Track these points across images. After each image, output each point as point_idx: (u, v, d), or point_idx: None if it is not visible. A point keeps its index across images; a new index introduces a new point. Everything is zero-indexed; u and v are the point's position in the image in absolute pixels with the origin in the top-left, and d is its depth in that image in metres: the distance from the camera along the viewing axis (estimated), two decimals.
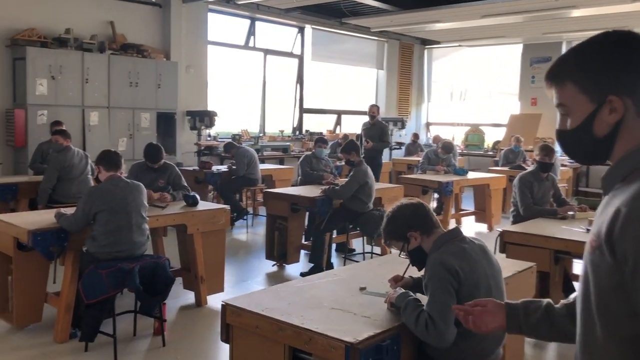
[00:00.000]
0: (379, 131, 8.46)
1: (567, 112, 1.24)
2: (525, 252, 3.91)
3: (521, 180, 4.99)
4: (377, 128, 8.50)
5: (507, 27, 10.63)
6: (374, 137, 8.35)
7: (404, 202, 2.37)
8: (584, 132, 1.20)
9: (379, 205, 6.20)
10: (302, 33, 12.12)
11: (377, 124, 8.54)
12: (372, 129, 8.53)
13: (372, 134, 8.44)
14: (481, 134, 13.79)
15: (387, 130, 8.68)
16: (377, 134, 8.42)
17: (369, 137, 8.43)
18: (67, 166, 5.61)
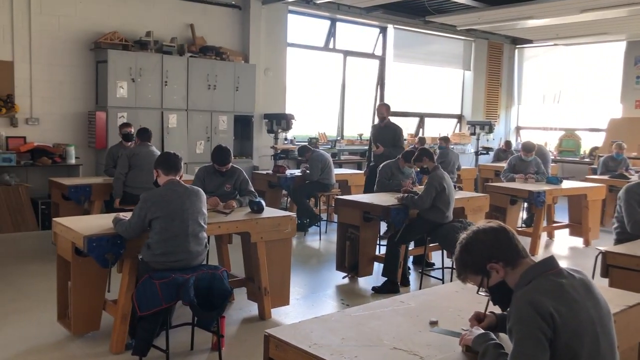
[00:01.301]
0: (391, 134, 7.38)
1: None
2: (634, 278, 3.33)
3: (629, 192, 4.32)
4: (388, 130, 7.43)
5: (608, 22, 9.69)
6: (385, 141, 7.32)
7: (481, 226, 1.94)
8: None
9: (462, 216, 5.71)
10: (384, 33, 11.72)
11: (389, 125, 7.48)
12: (382, 132, 7.49)
13: (383, 137, 7.40)
14: (577, 140, 12.76)
15: (400, 133, 7.48)
16: (389, 137, 7.35)
17: (379, 141, 7.40)
18: (136, 154, 5.85)
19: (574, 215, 7.62)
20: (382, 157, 7.12)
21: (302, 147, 7.92)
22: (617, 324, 2.20)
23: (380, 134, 7.50)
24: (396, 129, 7.45)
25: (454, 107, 13.57)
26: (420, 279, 5.29)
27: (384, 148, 7.24)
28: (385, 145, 7.27)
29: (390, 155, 6.92)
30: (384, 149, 7.22)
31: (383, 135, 7.42)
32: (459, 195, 5.85)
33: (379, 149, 7.28)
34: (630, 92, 11.83)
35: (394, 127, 7.47)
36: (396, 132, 7.41)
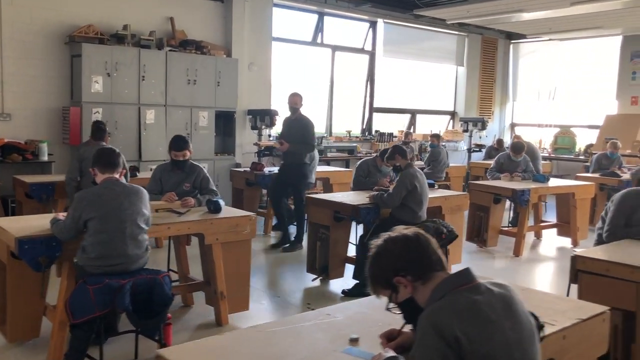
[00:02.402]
0: (301, 129, 6.43)
1: None
2: (605, 284, 3.09)
3: (626, 198, 3.98)
4: (299, 124, 6.47)
5: (602, 16, 9.41)
6: (294, 136, 6.40)
7: (394, 234, 1.70)
8: None
9: (439, 216, 5.47)
10: (373, 28, 11.46)
11: (300, 119, 6.53)
12: (292, 126, 6.53)
13: (293, 132, 6.45)
14: (572, 137, 12.48)
15: (311, 128, 6.57)
16: (299, 132, 6.41)
17: (288, 135, 6.47)
18: (87, 158, 5.28)
19: (562, 215, 7.37)
20: (288, 155, 6.47)
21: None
22: (567, 339, 1.97)
23: (290, 127, 6.56)
24: (307, 123, 6.56)
25: (446, 104, 13.32)
26: None
27: (291, 144, 6.36)
28: (294, 141, 6.38)
29: (297, 153, 6.30)
30: (290, 146, 6.36)
31: (293, 130, 6.50)
32: (435, 193, 5.61)
33: (283, 146, 6.41)
34: (625, 88, 11.55)
35: (305, 121, 6.55)
36: (307, 126, 6.52)
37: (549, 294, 2.50)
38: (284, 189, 6.68)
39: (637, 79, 11.38)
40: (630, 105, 11.45)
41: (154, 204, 4.18)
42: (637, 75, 11.38)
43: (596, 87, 12.53)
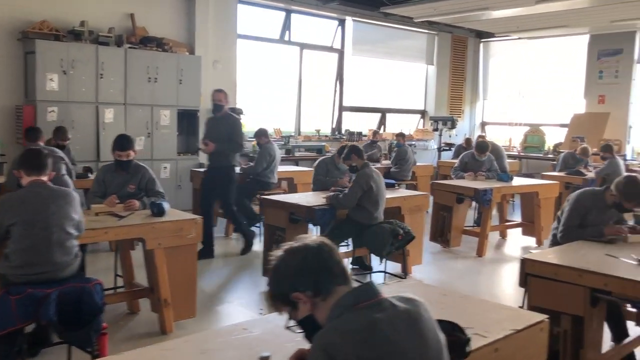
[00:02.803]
0: (228, 128, 5.95)
1: None
2: (554, 289, 2.99)
3: (581, 199, 3.88)
4: (225, 123, 5.98)
5: (569, 14, 9.41)
6: (221, 136, 5.89)
7: (296, 244, 1.55)
8: None
9: (398, 216, 5.36)
10: (342, 26, 11.34)
11: (226, 117, 6.04)
12: (218, 125, 6.00)
13: (219, 131, 5.94)
14: (541, 135, 12.51)
15: (239, 127, 6.11)
16: (225, 131, 5.92)
17: (213, 135, 5.95)
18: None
19: (526, 214, 7.32)
20: (215, 156, 6.00)
21: (260, 130, 7.44)
22: (500, 352, 1.85)
23: (216, 126, 6.05)
24: (235, 121, 6.13)
25: (417, 103, 13.25)
26: None
27: (217, 144, 5.86)
28: (221, 141, 5.88)
29: (224, 153, 5.89)
30: (217, 146, 5.86)
31: (218, 129, 5.99)
32: (395, 194, 5.50)
33: (208, 147, 5.90)
34: (593, 87, 11.59)
35: (232, 120, 6.10)
36: (234, 125, 6.06)
37: (487, 302, 2.38)
38: (213, 193, 6.16)
39: (604, 78, 11.43)
40: (598, 104, 11.49)
41: (95, 207, 4.00)
42: (603, 74, 11.43)
43: (565, 86, 12.58)
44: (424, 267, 5.88)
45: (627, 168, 9.61)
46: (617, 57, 11.24)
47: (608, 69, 11.37)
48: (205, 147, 5.98)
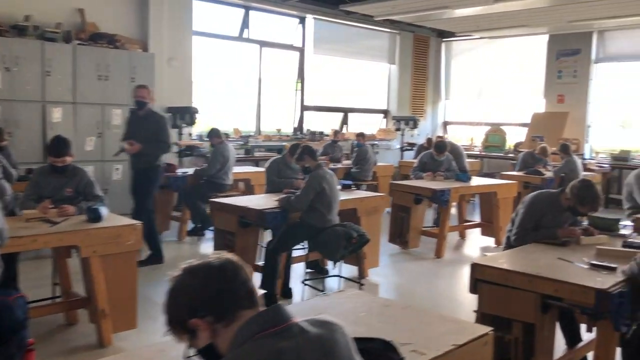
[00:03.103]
0: (153, 127, 5.48)
1: None
2: (504, 295, 2.88)
3: (536, 201, 3.79)
4: (149, 122, 5.51)
5: (527, 13, 9.44)
6: (145, 135, 5.44)
7: (197, 263, 1.35)
8: None
9: (354, 219, 5.22)
10: (303, 24, 11.17)
11: (151, 115, 5.59)
12: (142, 123, 5.54)
13: (143, 130, 5.48)
14: (502, 135, 12.58)
15: (165, 125, 5.63)
16: (151, 130, 5.46)
17: (137, 134, 5.49)
18: None
19: (485, 214, 7.28)
20: (141, 156, 5.51)
21: (213, 130, 7.19)
22: None
23: (139, 125, 5.57)
24: (160, 119, 5.64)
25: (379, 102, 13.18)
26: (302, 291, 4.75)
27: (142, 145, 5.41)
28: (146, 141, 5.43)
29: (149, 155, 5.46)
30: (142, 147, 5.41)
31: (142, 128, 5.52)
32: (351, 195, 5.36)
33: (133, 147, 5.43)
34: (552, 86, 11.70)
35: (157, 118, 5.62)
36: (160, 123, 5.57)
37: (430, 313, 2.25)
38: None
39: (563, 78, 11.54)
40: (557, 104, 11.60)
41: (27, 213, 3.75)
42: (562, 74, 11.55)
43: (526, 86, 12.68)
44: (381, 269, 5.76)
45: (585, 167, 9.71)
46: (575, 57, 11.36)
47: (567, 69, 11.49)
48: (130, 147, 5.48)
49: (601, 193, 3.91)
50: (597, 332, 2.78)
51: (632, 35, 10.76)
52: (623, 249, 3.33)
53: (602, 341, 2.74)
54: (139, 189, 5.58)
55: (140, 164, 5.57)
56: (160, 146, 5.53)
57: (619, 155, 10.18)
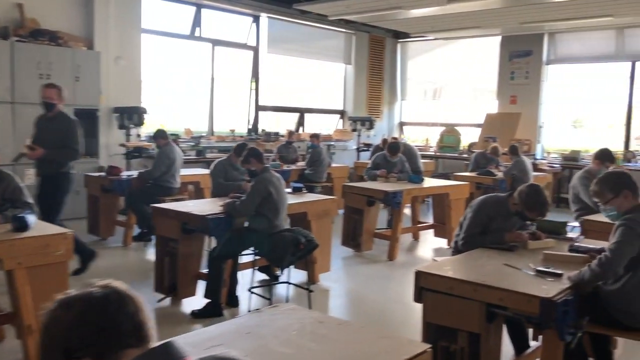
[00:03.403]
0: (62, 131, 5.00)
1: None
2: (449, 304, 2.79)
3: (484, 205, 3.71)
4: (57, 125, 5.03)
5: (480, 14, 9.50)
6: (53, 139, 4.97)
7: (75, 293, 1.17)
8: None
9: (304, 223, 5.09)
10: (257, 23, 10.98)
11: (59, 117, 5.07)
12: (49, 126, 5.06)
13: (51, 133, 5.01)
14: (457, 135, 12.66)
15: (74, 130, 5.04)
16: (59, 134, 4.99)
17: (44, 137, 5.02)
18: None
19: (438, 215, 7.26)
20: (46, 162, 5.01)
21: (158, 131, 6.91)
22: None
23: (47, 128, 5.09)
24: (69, 122, 5.08)
25: (336, 103, 13.09)
26: (249, 299, 4.58)
27: (48, 150, 4.93)
28: (52, 145, 4.95)
29: (56, 161, 5.00)
30: (47, 152, 4.93)
31: (50, 131, 5.03)
32: (300, 198, 5.22)
33: (34, 152, 4.93)
34: (505, 87, 11.84)
35: (66, 121, 5.08)
36: (69, 128, 5.03)
37: (367, 329, 2.12)
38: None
39: (516, 79, 11.68)
40: (510, 104, 11.74)
41: None
42: (515, 75, 11.69)
43: (480, 86, 12.80)
44: (333, 273, 5.64)
45: (537, 167, 9.84)
46: (527, 59, 11.51)
47: (519, 70, 11.64)
48: (31, 152, 4.94)
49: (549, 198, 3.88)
50: (543, 341, 2.72)
51: (581, 38, 10.97)
52: (570, 254, 3.28)
53: (548, 350, 2.67)
54: (44, 197, 5.04)
55: (47, 170, 5.09)
56: (67, 152, 5.03)
57: (569, 155, 10.36)
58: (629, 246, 2.83)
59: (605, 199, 3.04)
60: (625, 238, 2.84)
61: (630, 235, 2.84)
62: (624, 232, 2.85)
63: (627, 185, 3.02)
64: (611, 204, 3.02)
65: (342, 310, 4.84)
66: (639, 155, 10.08)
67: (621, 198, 2.99)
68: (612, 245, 2.85)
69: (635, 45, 10.35)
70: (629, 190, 3.01)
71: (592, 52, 10.87)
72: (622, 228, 2.88)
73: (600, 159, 5.46)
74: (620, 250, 2.81)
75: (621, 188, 3.00)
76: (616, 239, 2.86)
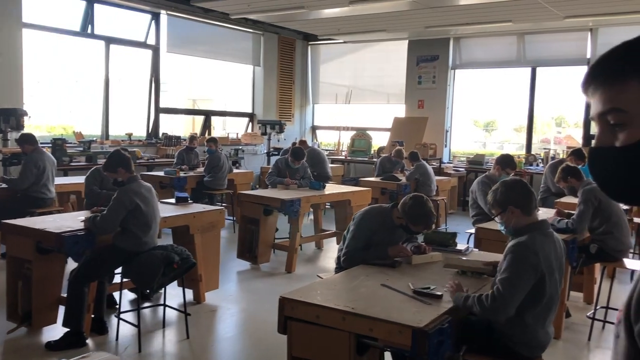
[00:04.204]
0: None
1: (624, 122, 0.85)
2: (316, 335, 2.44)
3: (363, 220, 3.41)
4: None
5: (386, 18, 9.39)
6: None
7: None
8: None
9: (186, 238, 4.63)
10: (157, 20, 10.33)
11: None
12: None
13: None
14: (368, 139, 12.53)
15: None
16: None
17: None
18: None
19: (340, 223, 6.99)
20: None
21: (23, 136, 6.17)
22: None
23: None
24: None
25: (245, 105, 12.64)
26: (117, 325, 4.06)
27: None
28: None
29: None
30: None
31: None
32: (182, 210, 4.75)
33: None
34: (413, 91, 11.83)
35: None
36: None
37: None
38: None
39: (423, 83, 11.70)
40: (417, 109, 11.74)
41: None
42: (422, 79, 11.70)
43: (391, 91, 12.74)
44: (222, 291, 5.21)
45: (442, 171, 9.84)
46: (434, 63, 11.56)
47: (426, 74, 11.66)
48: None
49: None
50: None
51: (484, 43, 11.13)
52: (472, 261, 3.04)
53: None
54: None
55: None
56: None
57: (474, 159, 10.44)
58: (522, 281, 2.48)
59: (495, 212, 2.79)
60: (516, 272, 2.49)
61: (522, 268, 2.49)
62: (515, 265, 2.50)
63: (514, 201, 2.68)
64: (500, 218, 2.77)
65: (225, 333, 4.42)
66: (540, 159, 10.31)
67: (508, 214, 2.70)
68: (503, 279, 2.50)
69: (534, 51, 10.60)
70: (515, 207, 2.67)
71: (495, 57, 11.04)
72: (511, 257, 2.54)
73: (501, 165, 5.35)
74: (514, 288, 2.46)
75: (506, 204, 2.70)
76: (507, 272, 2.51)
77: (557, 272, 2.59)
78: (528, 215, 2.68)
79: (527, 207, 2.68)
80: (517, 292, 2.47)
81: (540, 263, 2.50)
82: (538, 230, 2.62)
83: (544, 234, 2.63)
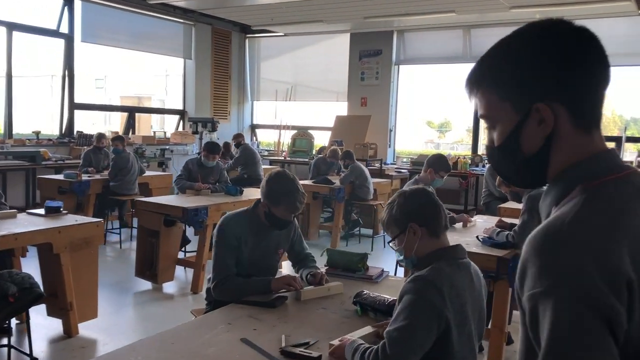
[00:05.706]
0: None
1: (491, 125, 1.00)
2: None
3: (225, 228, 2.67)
4: None
5: (321, 6, 8.63)
6: None
7: None
8: (511, 149, 0.97)
9: (48, 259, 3.72)
10: (70, 6, 9.29)
11: None
12: None
13: None
14: (310, 139, 11.76)
15: None
16: None
17: None
18: None
19: None
20: None
21: None
22: None
23: None
24: None
25: (175, 102, 11.68)
26: None
27: None
28: None
29: None
30: None
31: None
32: (43, 224, 3.83)
33: None
34: (356, 88, 11.11)
35: None
36: None
37: None
38: None
39: (366, 80, 11.00)
40: (360, 107, 11.04)
41: None
42: (365, 75, 11.01)
43: (333, 88, 12.00)
44: (102, 321, 4.29)
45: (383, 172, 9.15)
46: (377, 58, 10.87)
47: (369, 70, 10.97)
48: None
49: (301, 187, 2.87)
50: None
51: (430, 37, 10.51)
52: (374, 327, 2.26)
53: None
54: None
55: None
56: None
57: (417, 160, 9.79)
58: (422, 331, 1.68)
59: (391, 235, 1.98)
60: (415, 318, 1.69)
61: (423, 315, 1.70)
62: (409, 309, 1.70)
63: (416, 217, 1.89)
64: (397, 243, 1.93)
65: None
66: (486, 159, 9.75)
67: (408, 235, 1.88)
68: (393, 331, 1.70)
69: (481, 46, 10.02)
70: (419, 225, 1.87)
71: (441, 52, 10.42)
72: (407, 300, 1.73)
73: (433, 167, 4.58)
74: (411, 340, 1.67)
75: (407, 221, 1.89)
76: (398, 321, 1.71)
77: (472, 321, 1.80)
78: (436, 237, 1.88)
79: (434, 225, 1.89)
80: (416, 345, 1.68)
81: (445, 305, 1.70)
82: (446, 260, 1.83)
83: (456, 264, 1.83)
